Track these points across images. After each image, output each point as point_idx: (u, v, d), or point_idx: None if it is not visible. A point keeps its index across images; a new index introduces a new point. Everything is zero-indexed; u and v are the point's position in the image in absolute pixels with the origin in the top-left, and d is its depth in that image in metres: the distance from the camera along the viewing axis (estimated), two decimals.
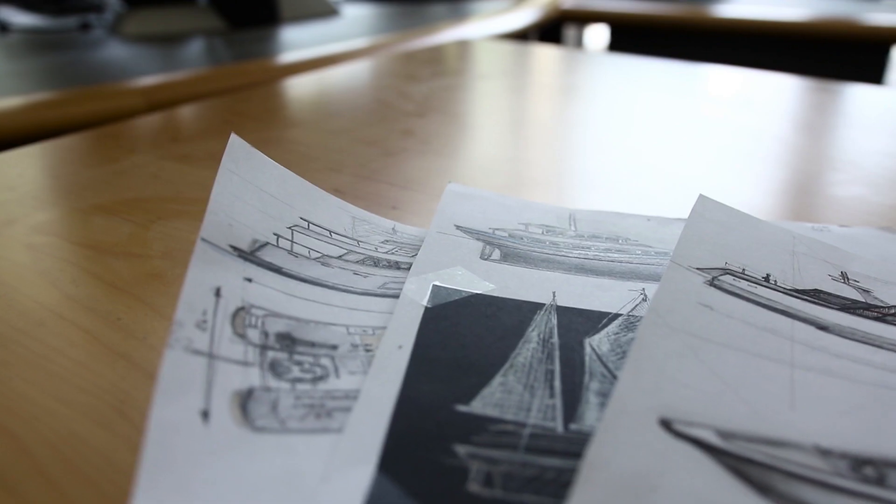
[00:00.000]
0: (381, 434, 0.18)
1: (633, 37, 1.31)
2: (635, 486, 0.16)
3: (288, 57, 0.68)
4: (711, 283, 0.24)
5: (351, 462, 0.17)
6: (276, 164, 0.27)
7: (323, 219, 0.27)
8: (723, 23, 1.21)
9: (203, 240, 0.22)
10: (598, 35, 1.56)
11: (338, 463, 0.17)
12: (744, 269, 0.26)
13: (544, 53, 0.75)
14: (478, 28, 0.97)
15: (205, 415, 0.18)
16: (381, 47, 0.78)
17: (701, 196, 0.29)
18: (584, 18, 1.30)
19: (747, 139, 0.45)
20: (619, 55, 0.73)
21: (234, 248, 0.23)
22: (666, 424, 0.18)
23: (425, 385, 0.20)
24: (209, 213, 0.23)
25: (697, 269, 0.25)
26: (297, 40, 0.78)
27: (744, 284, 0.25)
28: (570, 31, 1.43)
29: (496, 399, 0.20)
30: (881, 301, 0.26)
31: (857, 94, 0.57)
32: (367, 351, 0.21)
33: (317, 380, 0.20)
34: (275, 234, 0.25)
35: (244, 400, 0.19)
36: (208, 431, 0.17)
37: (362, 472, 0.17)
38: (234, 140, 0.26)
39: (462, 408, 0.19)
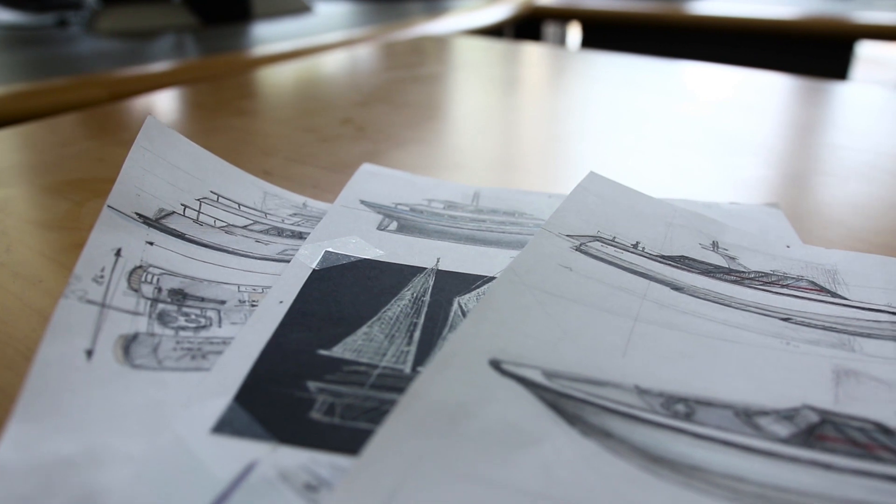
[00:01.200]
0: (244, 372, 0.20)
1: (607, 34, 1.33)
2: (451, 413, 0.18)
3: (251, 52, 0.71)
4: (578, 249, 0.26)
5: (211, 394, 0.20)
6: (192, 142, 0.30)
7: (233, 193, 0.30)
8: (694, 20, 1.23)
9: (109, 206, 0.25)
10: (577, 33, 1.58)
11: (199, 394, 0.19)
12: (615, 237, 0.28)
13: (503, 49, 0.77)
14: (449, 24, 1.00)
15: (88, 353, 0.20)
16: (347, 43, 0.81)
17: (591, 173, 0.31)
18: (559, 15, 1.32)
19: (708, 133, 0.47)
20: (585, 51, 0.75)
21: (140, 216, 0.26)
22: (495, 364, 0.20)
23: (295, 333, 0.22)
24: (117, 184, 0.26)
25: (567, 235, 0.27)
26: (266, 36, 0.81)
27: (610, 250, 0.27)
28: (549, 29, 1.45)
29: (357, 346, 0.22)
30: (744, 267, 0.28)
31: (826, 90, 0.59)
32: (253, 306, 0.24)
33: (199, 328, 0.22)
34: (182, 205, 0.27)
35: (128, 342, 0.21)
36: (90, 367, 0.20)
37: (219, 401, 0.19)
38: (150, 121, 0.28)
39: (323, 352, 0.22)
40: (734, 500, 0.17)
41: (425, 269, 0.26)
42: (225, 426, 0.18)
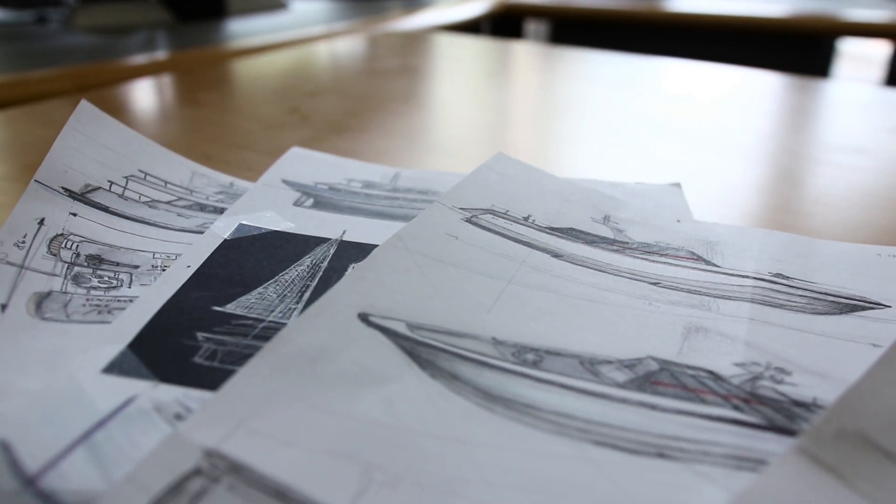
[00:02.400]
0: (141, 324, 0.23)
1: (583, 32, 1.36)
2: (312, 357, 0.21)
3: (221, 48, 0.73)
4: (468, 220, 0.29)
5: (108, 342, 0.22)
6: (125, 126, 0.32)
7: (162, 172, 0.32)
8: (673, 17, 1.25)
9: (36, 181, 0.27)
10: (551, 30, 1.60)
11: (97, 342, 0.22)
12: (507, 211, 0.30)
13: (469, 44, 0.80)
14: (424, 20, 1.02)
15: (3, 307, 0.23)
16: (321, 39, 0.83)
17: (498, 153, 0.34)
18: (534, 12, 1.34)
19: (648, 122, 0.49)
20: (547, 46, 0.77)
21: (66, 190, 0.28)
22: (363, 317, 0.23)
23: (195, 293, 0.25)
24: (45, 161, 0.28)
25: (461, 208, 0.29)
26: (239, 32, 0.84)
27: (501, 222, 0.29)
28: (531, 26, 1.47)
29: (249, 304, 0.24)
30: (629, 238, 0.30)
31: (801, 87, 0.61)
32: (164, 270, 0.26)
33: (110, 288, 0.25)
34: (108, 181, 0.30)
35: (41, 299, 0.23)
36: (2, 318, 0.22)
37: (114, 348, 0.22)
38: (84, 105, 0.31)
39: (217, 308, 0.24)
40: (557, 433, 0.20)
41: (330, 239, 0.29)
42: (114, 367, 0.21)
